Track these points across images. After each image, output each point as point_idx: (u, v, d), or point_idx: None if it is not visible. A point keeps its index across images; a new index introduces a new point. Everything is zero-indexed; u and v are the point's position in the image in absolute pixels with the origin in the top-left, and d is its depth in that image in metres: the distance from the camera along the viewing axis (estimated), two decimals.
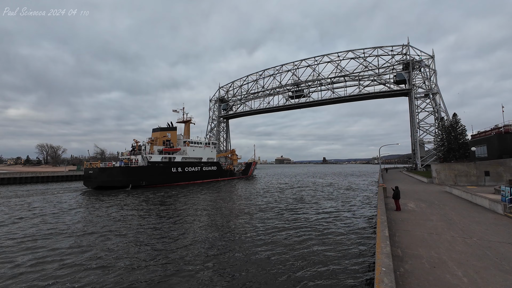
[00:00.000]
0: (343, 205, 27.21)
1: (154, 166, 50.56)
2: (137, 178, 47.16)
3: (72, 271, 11.13)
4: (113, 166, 47.33)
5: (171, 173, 53.58)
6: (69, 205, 27.88)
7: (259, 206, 26.98)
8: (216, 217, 21.85)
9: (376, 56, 74.87)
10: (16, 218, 21.24)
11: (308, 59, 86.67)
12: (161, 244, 14.45)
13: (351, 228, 17.53)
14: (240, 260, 12.16)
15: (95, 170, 45.22)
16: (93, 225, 19.01)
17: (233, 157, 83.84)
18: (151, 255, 12.86)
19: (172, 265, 11.56)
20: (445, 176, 32.11)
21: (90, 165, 48.23)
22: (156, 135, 59.18)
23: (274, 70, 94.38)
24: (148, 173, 48.95)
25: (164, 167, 52.37)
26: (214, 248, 13.76)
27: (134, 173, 47.24)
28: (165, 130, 60.55)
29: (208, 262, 11.92)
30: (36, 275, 10.78)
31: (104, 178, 44.77)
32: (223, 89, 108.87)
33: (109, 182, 44.71)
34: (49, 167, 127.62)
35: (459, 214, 15.01)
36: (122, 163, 48.69)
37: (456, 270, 7.47)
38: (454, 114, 46.97)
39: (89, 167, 47.37)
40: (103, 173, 45.11)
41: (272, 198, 32.82)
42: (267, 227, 18.01)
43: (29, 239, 15.64)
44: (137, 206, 27.26)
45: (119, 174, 45.90)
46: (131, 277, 10.50)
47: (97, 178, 44.55)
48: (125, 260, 12.22)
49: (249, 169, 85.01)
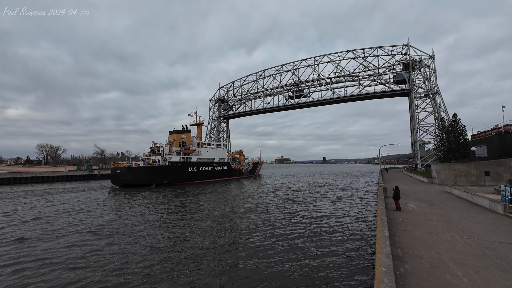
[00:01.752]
0: (343, 205, 27.21)
1: (174, 166, 54.46)
2: (159, 177, 50.78)
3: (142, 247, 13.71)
4: (138, 166, 51.59)
5: (188, 172, 57.31)
6: (110, 202, 30.71)
7: (272, 203, 28.22)
8: (236, 212, 22.93)
9: (376, 56, 74.85)
10: (66, 213, 24.33)
11: (308, 59, 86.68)
12: (200, 235, 15.72)
13: (351, 228, 17.52)
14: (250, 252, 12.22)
15: (123, 170, 49.43)
16: (134, 221, 20.91)
17: (240, 157, 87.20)
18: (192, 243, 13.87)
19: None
20: (445, 176, 32.11)
21: (117, 165, 53.01)
22: (173, 137, 64.82)
23: (274, 70, 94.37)
24: (168, 173, 52.66)
25: (182, 167, 56.29)
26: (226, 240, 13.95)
27: (157, 172, 50.99)
28: (181, 132, 65.74)
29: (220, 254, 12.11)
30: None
31: (130, 177, 48.75)
32: (223, 89, 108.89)
33: (135, 181, 48.58)
34: (49, 167, 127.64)
35: (459, 214, 15.00)
36: (145, 163, 52.85)
37: (456, 270, 7.47)
38: (454, 114, 46.94)
39: (116, 167, 51.69)
40: (130, 173, 49.14)
41: (280, 195, 34.31)
42: (273, 222, 18.04)
43: (88, 230, 18.11)
44: (170, 203, 30.08)
45: (143, 174, 49.76)
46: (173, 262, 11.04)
47: (125, 177, 48.59)
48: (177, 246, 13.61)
49: (255, 169, 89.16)
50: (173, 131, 66.53)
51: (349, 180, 66.98)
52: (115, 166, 52.49)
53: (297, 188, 46.59)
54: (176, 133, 65.28)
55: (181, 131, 66.23)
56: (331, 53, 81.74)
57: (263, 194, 37.26)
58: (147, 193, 38.81)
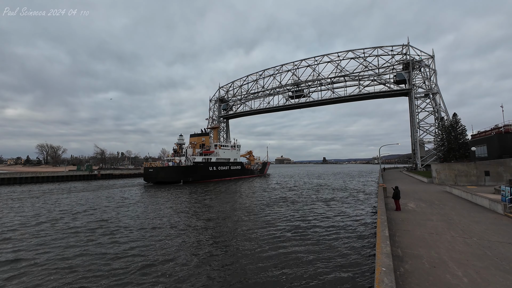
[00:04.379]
0: (342, 204, 27.19)
1: (197, 165, 60.92)
2: (186, 175, 57.07)
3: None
4: (168, 166, 58.11)
5: (209, 171, 63.50)
6: (162, 195, 36.77)
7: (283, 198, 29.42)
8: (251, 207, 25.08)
9: (376, 56, 74.83)
10: (121, 207, 27.09)
11: (308, 59, 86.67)
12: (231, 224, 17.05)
13: (351, 228, 17.50)
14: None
15: (155, 169, 56.22)
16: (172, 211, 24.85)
17: (250, 157, 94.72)
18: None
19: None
20: (445, 176, 32.12)
21: (149, 165, 59.94)
22: (194, 139, 73.72)
23: (274, 70, 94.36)
24: (193, 171, 59.05)
25: (204, 166, 62.77)
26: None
27: (184, 171, 57.26)
28: (201, 135, 75.12)
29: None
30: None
31: (162, 175, 55.12)
32: (223, 89, 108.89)
33: (166, 178, 54.85)
34: (49, 167, 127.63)
35: (459, 214, 15.00)
36: (173, 164, 59.33)
37: (456, 270, 7.47)
38: (454, 114, 46.93)
39: (148, 166, 58.21)
40: (162, 171, 55.62)
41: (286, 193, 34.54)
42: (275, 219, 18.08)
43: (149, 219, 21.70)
44: (203, 197, 34.77)
45: (173, 172, 56.00)
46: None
47: (158, 175, 54.98)
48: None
49: (264, 168, 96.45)
50: (194, 134, 76.19)
51: (349, 180, 66.97)
52: (148, 166, 59.30)
53: (298, 188, 46.58)
54: (196, 136, 74.65)
55: (200, 134, 75.40)
56: (331, 53, 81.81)
57: (275, 192, 38.05)
58: (179, 190, 43.99)
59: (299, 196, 35.04)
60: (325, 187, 47.59)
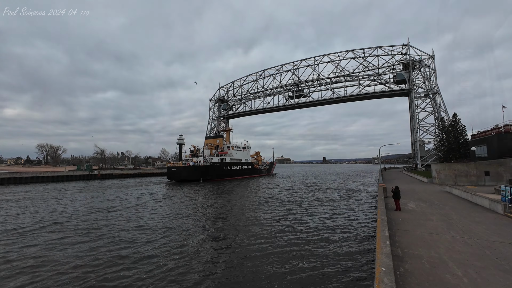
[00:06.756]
0: (342, 204, 27.18)
1: (214, 165, 66.32)
2: (205, 174, 62.59)
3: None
4: (190, 165, 64.08)
5: (224, 171, 68.73)
6: (186, 191, 41.37)
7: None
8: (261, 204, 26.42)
9: (376, 56, 74.81)
10: (157, 203, 30.27)
11: (308, 59, 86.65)
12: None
13: (351, 228, 17.50)
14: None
15: (178, 168, 62.66)
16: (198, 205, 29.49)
17: (258, 158, 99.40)
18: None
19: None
20: (445, 176, 32.11)
21: (172, 164, 68.63)
22: (210, 141, 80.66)
23: (274, 70, 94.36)
24: (211, 171, 64.33)
25: (220, 166, 68.03)
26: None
27: (203, 170, 62.89)
28: (216, 137, 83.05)
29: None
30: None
31: (184, 173, 61.60)
32: (223, 89, 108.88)
33: (188, 177, 61.11)
34: (49, 167, 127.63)
35: (459, 214, 15.00)
36: (193, 164, 65.79)
37: (456, 270, 7.47)
38: (454, 114, 46.88)
39: (171, 166, 65.26)
40: (184, 170, 62.13)
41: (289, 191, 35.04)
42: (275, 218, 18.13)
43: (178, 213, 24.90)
44: (218, 193, 39.08)
45: (194, 171, 62.01)
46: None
47: (181, 174, 61.45)
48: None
49: (271, 168, 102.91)
50: (209, 136, 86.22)
51: (349, 180, 66.96)
52: (171, 165, 66.59)
53: (299, 188, 46.63)
54: (212, 138, 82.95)
55: (215, 136, 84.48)
56: (331, 53, 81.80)
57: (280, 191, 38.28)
58: (200, 187, 48.24)
59: (296, 196, 35.04)
60: (324, 187, 47.61)
